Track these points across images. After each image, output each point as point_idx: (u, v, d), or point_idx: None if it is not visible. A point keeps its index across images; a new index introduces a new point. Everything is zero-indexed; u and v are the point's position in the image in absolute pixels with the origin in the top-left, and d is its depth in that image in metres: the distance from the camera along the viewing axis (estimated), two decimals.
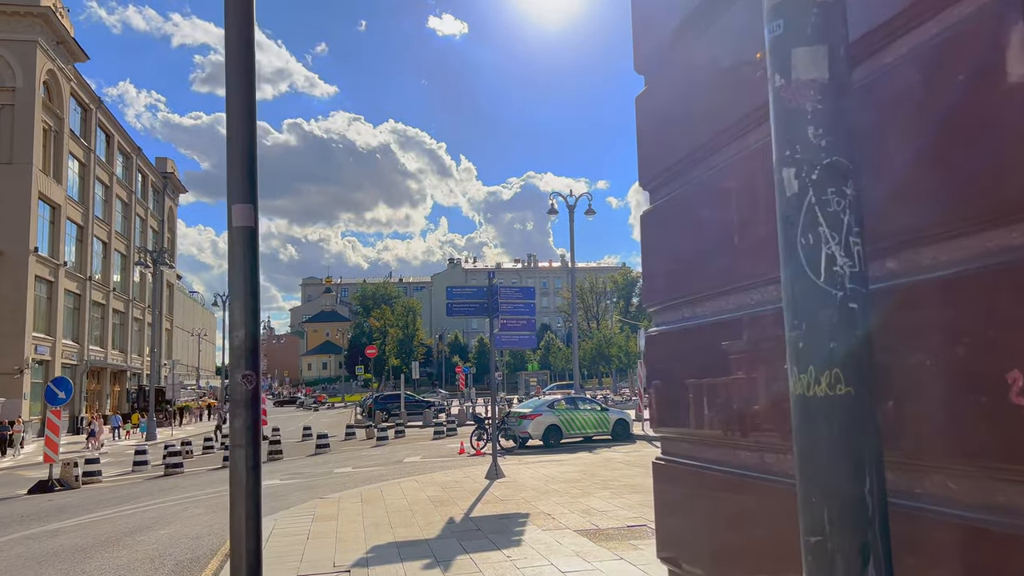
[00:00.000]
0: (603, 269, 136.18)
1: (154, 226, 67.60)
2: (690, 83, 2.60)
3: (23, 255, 40.64)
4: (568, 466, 15.26)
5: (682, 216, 2.67)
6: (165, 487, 17.05)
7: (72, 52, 47.20)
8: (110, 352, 54.91)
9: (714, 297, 2.43)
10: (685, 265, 2.63)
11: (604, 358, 76.60)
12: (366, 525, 9.45)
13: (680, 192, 2.68)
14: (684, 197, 2.65)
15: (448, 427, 31.03)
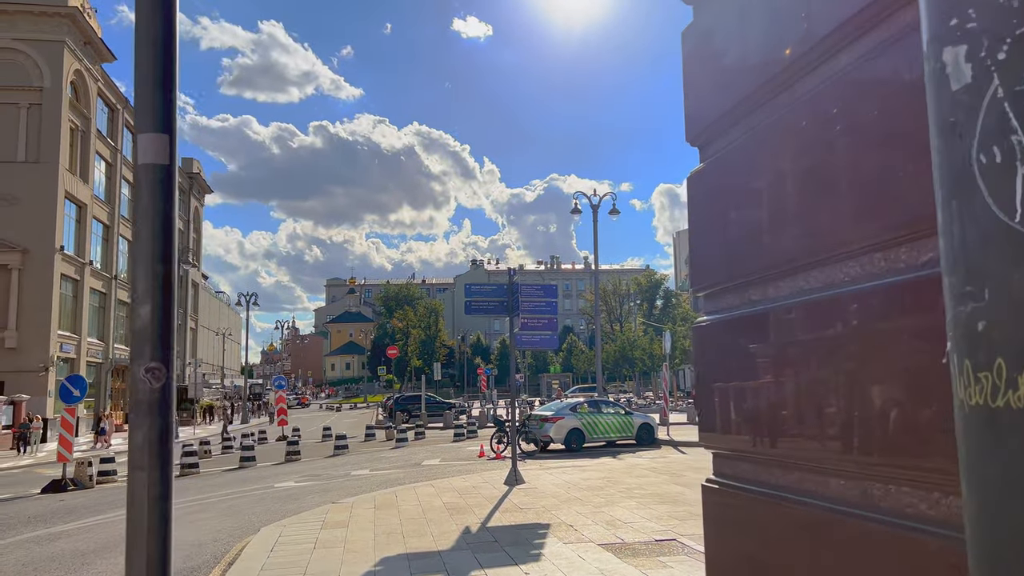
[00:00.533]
0: (626, 271, 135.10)
1: (180, 226, 67.90)
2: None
3: (49, 254, 40.82)
4: (591, 472, 14.66)
5: (745, 171, 2.10)
6: (178, 488, 16.64)
7: (99, 52, 47.45)
8: None
9: (795, 273, 1.86)
10: (750, 234, 2.06)
11: (627, 361, 75.74)
12: (377, 534, 8.95)
13: (742, 142, 2.11)
14: (747, 147, 2.09)
15: (468, 429, 30.54)
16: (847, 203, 1.60)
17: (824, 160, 1.68)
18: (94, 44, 46.21)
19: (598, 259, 36.55)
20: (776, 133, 1.93)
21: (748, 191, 2.07)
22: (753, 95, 1.99)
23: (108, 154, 50.01)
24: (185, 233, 68.92)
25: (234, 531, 10.49)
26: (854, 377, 1.57)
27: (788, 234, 1.85)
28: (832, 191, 1.65)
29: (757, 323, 2.03)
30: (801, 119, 1.79)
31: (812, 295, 1.73)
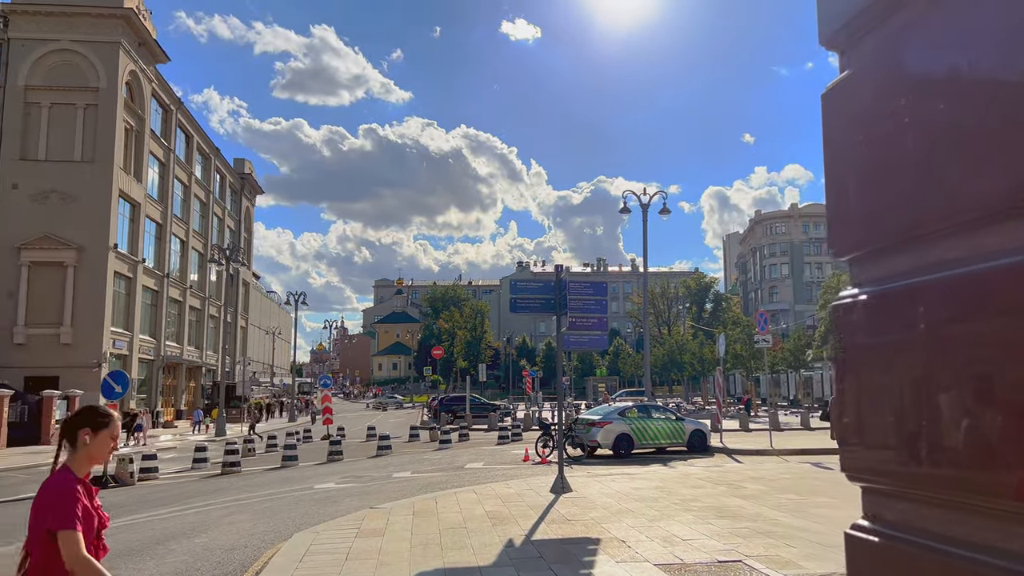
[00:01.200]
0: (675, 274, 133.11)
1: (231, 226, 68.81)
2: None
3: (103, 251, 41.49)
4: (642, 481, 13.86)
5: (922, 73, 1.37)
6: (218, 487, 16.42)
7: (153, 53, 48.20)
8: (186, 348, 55.94)
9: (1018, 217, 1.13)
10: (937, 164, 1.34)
11: (676, 365, 74.22)
12: (414, 545, 8.34)
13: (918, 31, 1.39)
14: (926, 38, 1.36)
15: (513, 432, 29.89)
16: None
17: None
18: (148, 45, 46.94)
19: (647, 259, 35.55)
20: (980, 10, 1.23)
21: (929, 100, 1.36)
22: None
23: (161, 154, 50.78)
24: (236, 232, 69.84)
25: (267, 535, 10.02)
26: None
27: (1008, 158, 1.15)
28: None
29: (947, 296, 1.32)
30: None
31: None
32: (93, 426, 3.02)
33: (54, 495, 2.84)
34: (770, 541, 8.14)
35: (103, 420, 3.08)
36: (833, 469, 16.03)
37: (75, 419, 3.07)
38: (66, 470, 2.95)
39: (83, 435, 2.99)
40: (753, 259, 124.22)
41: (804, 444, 23.42)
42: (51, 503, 2.81)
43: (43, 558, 2.80)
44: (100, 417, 3.09)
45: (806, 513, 9.99)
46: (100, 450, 3.04)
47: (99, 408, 3.18)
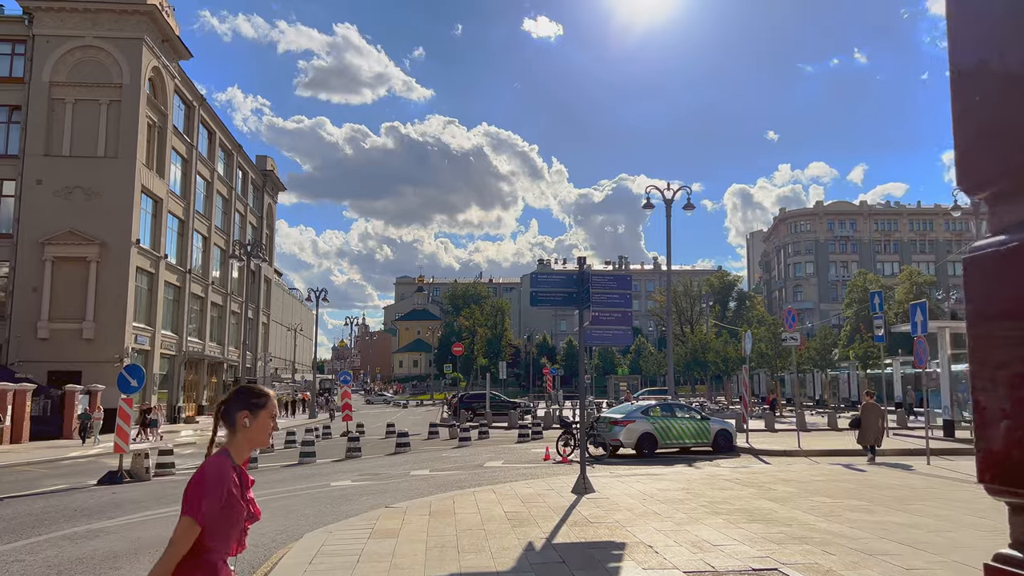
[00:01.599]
0: (697, 272, 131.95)
1: (253, 222, 69.03)
2: None
3: (125, 247, 41.63)
4: (667, 482, 13.39)
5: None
6: None
7: (176, 50, 48.32)
8: (208, 344, 56.12)
9: None
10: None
11: (699, 364, 73.33)
12: (430, 547, 7.97)
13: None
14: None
15: (533, 430, 29.47)
16: None
17: None
18: (172, 42, 47.06)
19: (671, 256, 35.01)
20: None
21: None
22: None
23: (184, 150, 50.93)
24: (258, 229, 70.05)
25: (279, 534, 9.70)
26: None
27: None
28: None
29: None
30: None
31: None
32: (251, 408, 2.88)
33: (201, 478, 2.71)
34: (807, 547, 7.67)
35: (260, 400, 2.93)
36: (866, 471, 15.47)
37: (231, 401, 2.93)
38: (225, 455, 2.82)
39: (242, 418, 2.85)
40: (777, 257, 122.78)
41: (832, 445, 22.80)
42: (195, 484, 2.70)
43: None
44: (256, 397, 2.93)
45: (841, 517, 9.50)
46: (260, 432, 2.90)
47: (254, 388, 3.02)
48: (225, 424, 2.90)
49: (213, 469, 2.74)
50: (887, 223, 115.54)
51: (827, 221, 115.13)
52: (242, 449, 2.88)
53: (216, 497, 2.67)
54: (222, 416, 2.92)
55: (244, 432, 2.86)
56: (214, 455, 2.81)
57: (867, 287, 79.54)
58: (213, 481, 2.70)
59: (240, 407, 2.88)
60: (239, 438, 2.87)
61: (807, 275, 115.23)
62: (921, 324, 17.09)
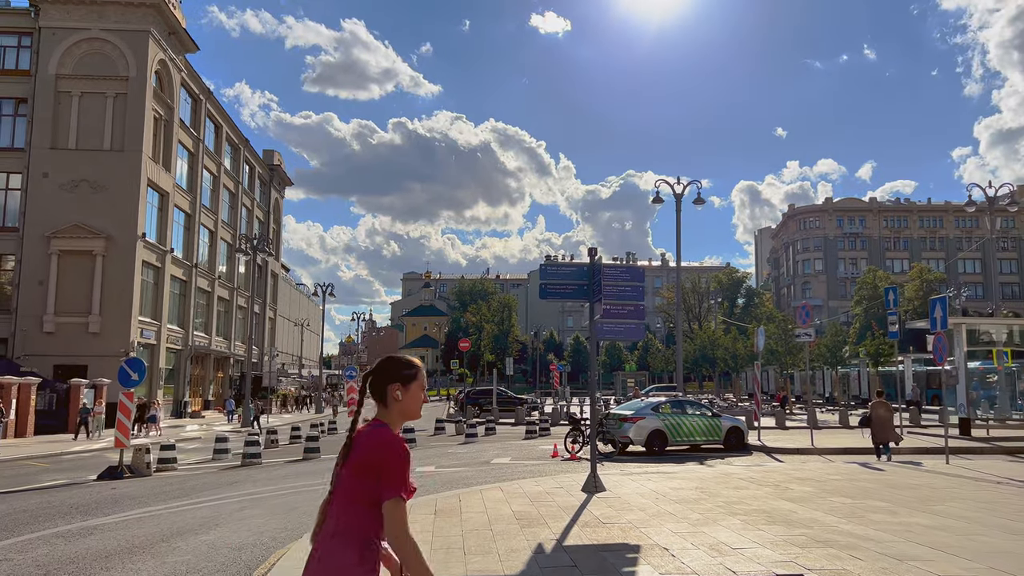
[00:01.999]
0: (705, 269, 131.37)
1: (260, 217, 68.82)
2: None
3: (131, 241, 41.44)
4: (680, 480, 13.00)
5: None
6: (235, 479, 15.87)
7: (183, 43, 48.07)
8: (214, 339, 55.96)
9: None
10: None
11: (708, 361, 72.83)
12: (435, 549, 7.60)
13: None
14: None
15: (541, 426, 29.12)
16: None
17: None
18: (178, 34, 46.81)
19: (680, 251, 34.58)
20: None
21: None
22: None
23: (190, 144, 50.71)
24: (265, 224, 69.85)
25: (279, 533, 9.36)
26: None
27: None
28: None
29: None
30: None
31: None
32: (403, 380, 2.77)
33: (391, 454, 2.55)
34: (832, 552, 7.27)
35: (411, 372, 2.81)
36: (883, 470, 15.04)
37: (379, 374, 2.80)
38: (388, 427, 2.68)
39: (393, 391, 2.74)
40: (786, 254, 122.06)
41: (845, 443, 22.38)
42: (386, 462, 2.53)
43: (347, 522, 2.54)
44: (407, 368, 2.82)
45: (864, 519, 9.09)
46: (413, 404, 2.78)
47: (402, 359, 2.90)
48: (375, 398, 2.79)
49: (398, 443, 2.59)
50: (897, 220, 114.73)
51: (836, 218, 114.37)
52: (396, 422, 2.75)
53: (408, 472, 2.56)
54: (370, 390, 2.81)
55: (396, 405, 2.74)
56: (383, 429, 2.64)
57: (877, 284, 78.90)
58: (404, 455, 2.57)
59: (390, 380, 2.75)
60: (392, 411, 2.74)
61: (816, 272, 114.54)
62: (941, 319, 16.63)
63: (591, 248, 11.63)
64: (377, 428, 2.66)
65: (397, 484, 2.50)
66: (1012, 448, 20.76)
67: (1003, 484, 12.70)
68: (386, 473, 2.51)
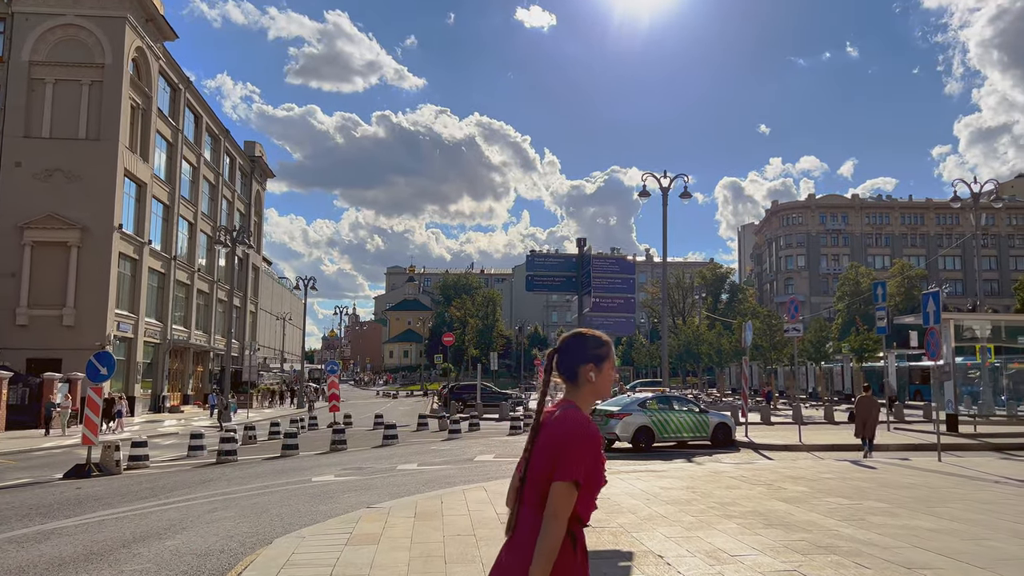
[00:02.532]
0: (689, 264, 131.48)
1: (241, 209, 67.83)
2: None
3: (107, 232, 40.57)
4: (670, 480, 12.57)
5: None
6: (209, 478, 15.27)
7: (161, 30, 47.05)
8: (193, 332, 55.06)
9: None
10: None
11: (692, 356, 72.70)
12: (413, 556, 7.11)
13: None
14: None
15: (525, 422, 28.66)
16: None
17: None
18: (156, 21, 45.82)
19: (667, 245, 34.15)
20: None
21: None
22: None
23: (169, 134, 49.75)
24: (246, 216, 68.86)
25: (249, 537, 8.82)
26: None
27: None
28: None
29: None
30: None
31: None
32: (596, 360, 2.58)
33: (578, 435, 2.39)
34: (836, 558, 6.85)
35: (603, 350, 2.62)
36: (876, 468, 14.71)
37: (567, 352, 2.60)
38: (578, 408, 2.52)
39: (587, 371, 2.56)
40: (769, 250, 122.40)
41: (833, 439, 22.10)
42: (570, 443, 2.37)
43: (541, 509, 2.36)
44: (599, 347, 2.62)
45: (864, 522, 8.70)
46: (606, 384, 2.62)
47: (592, 335, 2.67)
48: (564, 378, 2.60)
49: (589, 426, 2.42)
50: (878, 217, 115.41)
51: (819, 214, 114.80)
52: (586, 403, 2.58)
53: (593, 457, 2.39)
54: (558, 369, 2.61)
55: (589, 386, 2.57)
56: (573, 411, 2.47)
57: (859, 280, 79.11)
58: (591, 438, 2.39)
59: (582, 360, 2.57)
60: (584, 392, 2.57)
61: (798, 268, 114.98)
62: (934, 314, 16.32)
63: (580, 239, 11.16)
64: (568, 409, 2.50)
65: (575, 468, 2.33)
66: (1001, 445, 20.55)
67: (1000, 483, 12.38)
68: (567, 454, 2.34)
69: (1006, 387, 28.41)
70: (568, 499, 2.32)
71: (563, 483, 2.32)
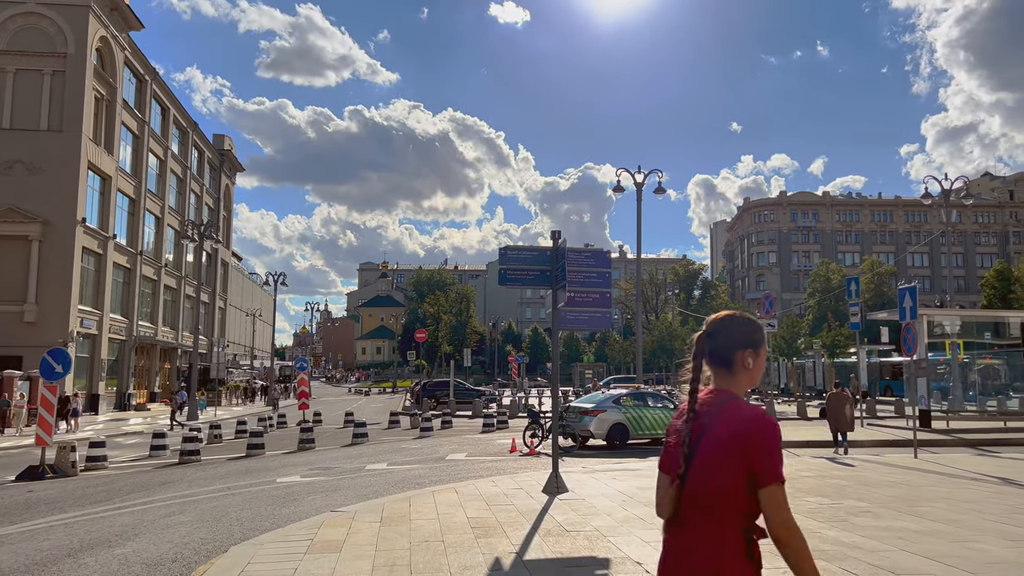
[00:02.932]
0: (662, 261, 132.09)
1: (209, 203, 66.60)
2: None
3: (70, 226, 39.47)
4: (647, 479, 12.26)
5: None
6: (169, 479, 14.68)
7: (126, 19, 45.89)
8: (160, 328, 53.90)
9: None
10: None
11: (665, 352, 72.89)
12: (377, 566, 6.68)
13: None
14: None
15: (499, 419, 28.27)
16: None
17: None
18: (120, 10, 44.65)
19: (641, 240, 34.00)
20: None
21: None
22: None
23: (135, 126, 48.56)
24: (215, 211, 67.64)
25: (204, 544, 8.34)
26: None
27: None
28: None
29: None
30: None
31: None
32: (754, 344, 2.42)
33: (766, 432, 2.20)
34: (822, 564, 6.54)
35: (760, 335, 2.45)
36: (854, 466, 14.54)
37: (725, 337, 2.41)
38: (741, 398, 2.35)
39: (744, 357, 2.40)
40: (740, 247, 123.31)
41: (808, 436, 21.99)
42: (763, 442, 2.19)
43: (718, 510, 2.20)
44: (756, 331, 2.45)
45: (847, 523, 8.43)
46: (759, 371, 2.44)
47: (747, 318, 2.48)
48: (715, 365, 2.40)
49: (771, 420, 2.23)
50: (848, 214, 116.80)
51: (790, 211, 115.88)
52: (743, 391, 2.42)
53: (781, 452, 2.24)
54: (709, 355, 2.41)
55: (746, 373, 2.39)
56: (742, 403, 2.29)
57: (830, 277, 79.86)
58: (778, 430, 2.23)
59: (740, 344, 2.39)
60: (740, 379, 2.40)
61: (770, 264, 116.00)
62: (910, 309, 16.21)
63: (554, 231, 10.78)
64: (734, 401, 2.31)
65: (778, 467, 2.16)
66: (975, 441, 20.58)
67: (980, 481, 12.24)
68: (763, 454, 2.16)
69: (975, 383, 28.63)
70: (784, 499, 2.14)
71: (776, 486, 2.14)
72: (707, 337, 2.44)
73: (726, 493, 2.18)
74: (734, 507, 2.18)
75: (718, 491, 2.19)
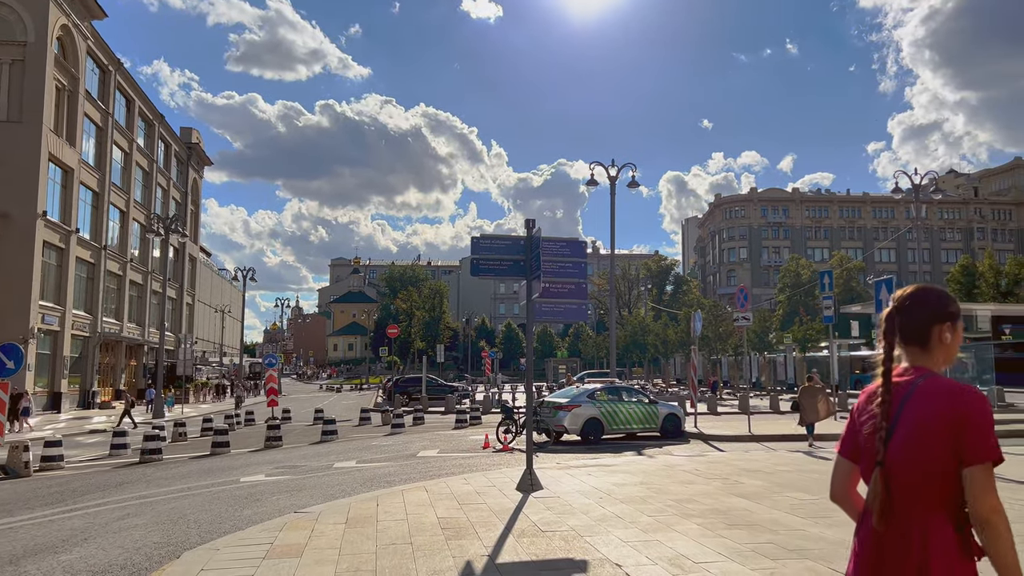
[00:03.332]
0: (634, 257, 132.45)
1: (176, 197, 65.27)
2: None
3: (30, 219, 38.30)
4: (623, 474, 11.95)
5: None
6: (127, 479, 14.10)
7: (89, 8, 44.63)
8: (126, 325, 52.65)
9: None
10: None
11: (639, 346, 73.00)
12: (340, 571, 6.27)
13: None
14: None
15: (472, 415, 27.89)
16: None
17: None
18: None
19: (615, 235, 33.84)
20: None
21: None
22: None
23: (99, 117, 47.29)
24: (182, 205, 66.30)
25: (158, 549, 7.86)
26: None
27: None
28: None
29: None
30: None
31: None
32: (951, 317, 2.26)
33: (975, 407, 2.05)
34: (810, 564, 6.27)
35: (957, 308, 2.31)
36: (831, 460, 14.38)
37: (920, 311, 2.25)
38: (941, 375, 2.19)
39: (942, 331, 2.23)
40: (712, 243, 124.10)
41: (782, 430, 21.91)
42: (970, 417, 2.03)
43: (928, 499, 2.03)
44: (952, 303, 2.31)
45: (831, 519, 8.18)
46: (956, 347, 2.28)
47: (943, 291, 2.33)
48: (908, 343, 2.27)
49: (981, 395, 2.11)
50: (818, 210, 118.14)
51: (761, 207, 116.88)
52: (940, 368, 2.27)
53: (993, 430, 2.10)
54: (902, 331, 2.27)
55: (942, 348, 2.26)
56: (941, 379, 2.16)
57: (800, 272, 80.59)
58: (991, 411, 2.11)
59: (937, 318, 2.25)
60: (936, 356, 2.26)
61: (741, 260, 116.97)
62: (887, 302, 16.08)
63: (528, 220, 10.41)
64: (933, 378, 2.18)
65: (988, 445, 2.03)
66: None
67: None
68: (971, 432, 2.03)
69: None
70: (992, 481, 2.00)
71: (985, 464, 2.00)
72: (896, 314, 2.30)
73: (933, 477, 2.05)
74: (942, 493, 2.05)
75: (924, 476, 2.06)
